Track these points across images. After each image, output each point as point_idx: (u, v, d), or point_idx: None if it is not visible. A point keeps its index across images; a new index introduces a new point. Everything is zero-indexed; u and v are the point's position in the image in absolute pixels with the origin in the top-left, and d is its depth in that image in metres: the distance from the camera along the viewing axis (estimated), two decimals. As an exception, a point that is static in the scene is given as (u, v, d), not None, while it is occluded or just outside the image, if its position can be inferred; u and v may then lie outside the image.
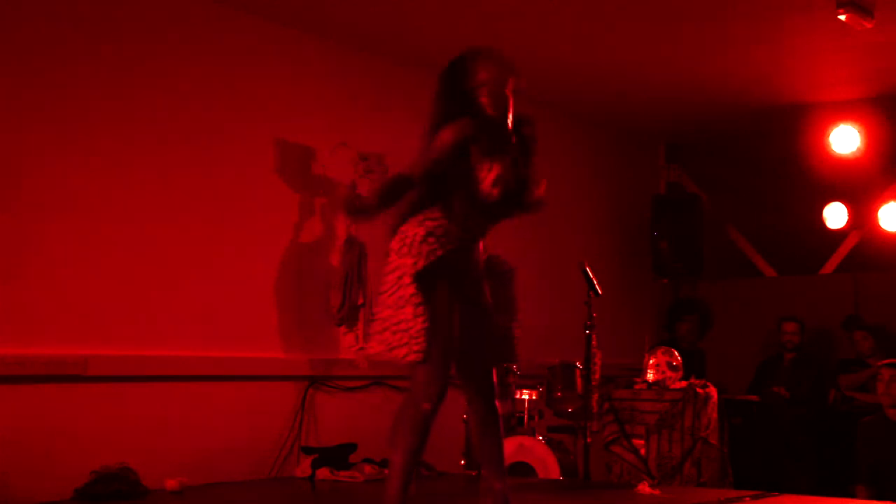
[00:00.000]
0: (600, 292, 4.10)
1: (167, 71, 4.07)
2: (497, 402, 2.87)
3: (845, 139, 5.66)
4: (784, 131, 5.85)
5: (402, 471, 2.68)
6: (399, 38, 4.78)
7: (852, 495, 4.30)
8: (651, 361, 4.72)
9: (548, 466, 4.33)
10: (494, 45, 2.89)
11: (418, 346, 2.60)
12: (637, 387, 4.71)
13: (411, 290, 2.61)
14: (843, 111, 5.65)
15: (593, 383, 4.23)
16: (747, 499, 3.70)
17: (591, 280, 4.11)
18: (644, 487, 3.89)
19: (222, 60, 4.31)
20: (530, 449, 4.35)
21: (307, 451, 4.33)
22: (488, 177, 2.64)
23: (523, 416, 4.48)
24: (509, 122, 2.78)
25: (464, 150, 2.69)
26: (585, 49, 4.98)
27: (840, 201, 6.04)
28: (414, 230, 2.68)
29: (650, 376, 4.67)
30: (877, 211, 5.93)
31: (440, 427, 2.78)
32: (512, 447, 4.28)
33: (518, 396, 4.48)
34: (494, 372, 2.89)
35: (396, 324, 2.63)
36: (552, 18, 4.49)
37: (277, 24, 4.51)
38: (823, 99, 5.68)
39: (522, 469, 4.33)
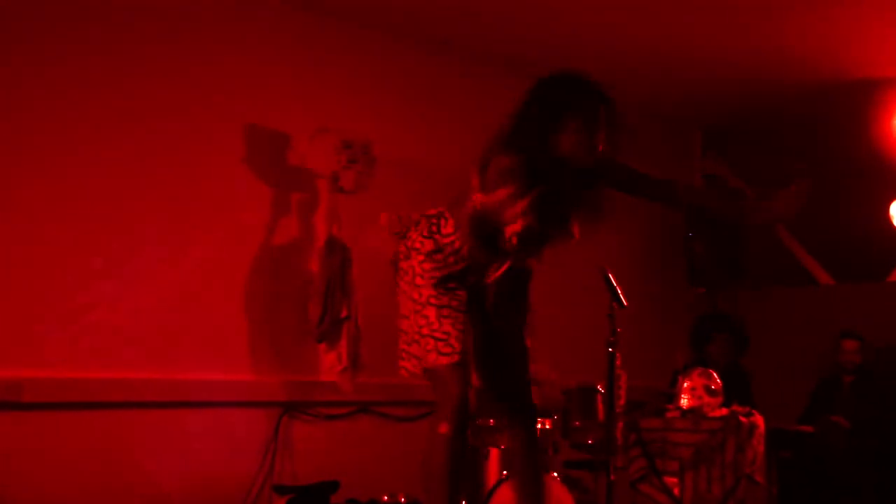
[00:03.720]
0: (625, 303, 3.98)
1: (121, 48, 4.05)
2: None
3: (917, 123, 5.62)
4: (843, 114, 5.80)
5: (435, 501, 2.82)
6: (394, 10, 4.68)
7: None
8: (686, 385, 4.69)
9: (564, 508, 4.28)
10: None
11: (448, 348, 2.80)
12: (669, 415, 4.69)
13: (428, 291, 2.83)
14: (915, 89, 5.59)
15: (617, 410, 4.14)
16: (799, 547, 3.67)
17: (614, 289, 4.00)
18: (677, 534, 3.85)
19: (183, 32, 4.28)
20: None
21: (280, 490, 4.30)
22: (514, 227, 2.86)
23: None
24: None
25: None
26: (608, 19, 4.87)
27: (910, 197, 6.05)
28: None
29: (685, 402, 4.65)
30: (952, 208, 5.96)
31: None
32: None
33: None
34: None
35: (418, 330, 2.84)
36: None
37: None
38: (891, 74, 5.55)
39: (534, 511, 4.28)
